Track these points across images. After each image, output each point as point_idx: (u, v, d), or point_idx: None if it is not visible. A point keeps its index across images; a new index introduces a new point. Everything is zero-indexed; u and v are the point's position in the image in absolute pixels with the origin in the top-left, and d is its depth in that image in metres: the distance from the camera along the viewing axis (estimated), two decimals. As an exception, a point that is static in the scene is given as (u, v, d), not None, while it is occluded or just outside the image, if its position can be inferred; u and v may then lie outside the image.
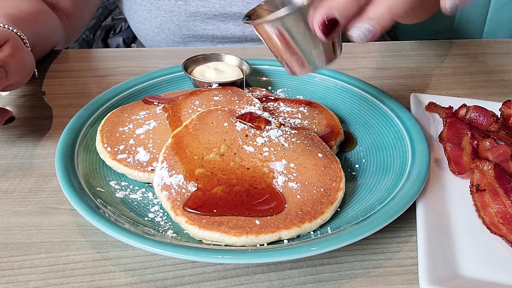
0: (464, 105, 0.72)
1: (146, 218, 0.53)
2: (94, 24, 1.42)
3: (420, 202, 0.54)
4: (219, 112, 0.62)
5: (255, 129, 0.59)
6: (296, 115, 0.68)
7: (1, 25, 0.69)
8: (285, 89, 0.79)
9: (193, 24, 1.03)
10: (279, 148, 0.57)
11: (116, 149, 0.60)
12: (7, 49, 0.64)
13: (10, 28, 0.69)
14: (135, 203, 0.55)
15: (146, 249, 0.45)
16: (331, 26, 0.47)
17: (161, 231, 0.51)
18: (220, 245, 0.48)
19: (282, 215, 0.50)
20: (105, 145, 0.60)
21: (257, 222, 0.49)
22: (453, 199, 0.57)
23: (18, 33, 0.70)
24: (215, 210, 0.49)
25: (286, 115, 0.68)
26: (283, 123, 0.63)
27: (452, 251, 0.50)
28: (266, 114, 0.63)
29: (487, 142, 0.63)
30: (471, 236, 0.52)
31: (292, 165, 0.56)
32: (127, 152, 0.59)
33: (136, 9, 1.04)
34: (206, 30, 1.05)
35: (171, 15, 1.02)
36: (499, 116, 0.70)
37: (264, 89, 0.76)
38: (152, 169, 0.57)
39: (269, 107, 0.69)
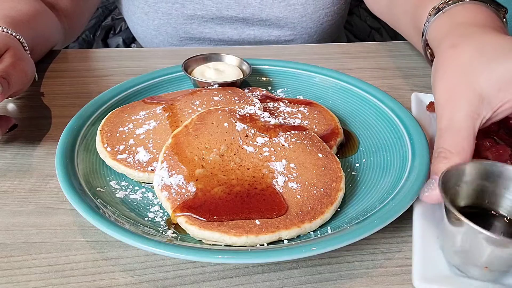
0: (464, 105, 0.71)
1: (146, 218, 0.53)
2: (94, 24, 1.41)
3: (419, 202, 0.54)
4: (219, 112, 0.62)
5: (255, 130, 0.59)
6: (296, 115, 0.68)
7: (0, 29, 0.68)
8: (285, 89, 0.79)
9: (190, 27, 1.03)
10: (279, 148, 0.57)
11: (116, 149, 0.60)
12: (9, 58, 0.63)
13: (9, 32, 0.69)
14: (135, 203, 0.55)
15: (146, 249, 0.45)
16: None
17: (161, 231, 0.51)
18: (220, 245, 0.48)
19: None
20: (105, 145, 0.60)
21: (257, 222, 0.49)
22: (453, 199, 0.57)
23: (17, 37, 0.70)
24: (215, 217, 0.49)
25: (286, 115, 0.68)
26: (281, 122, 0.63)
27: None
28: (266, 114, 0.63)
29: (487, 142, 0.63)
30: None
31: (292, 165, 0.56)
32: (127, 152, 0.59)
33: (134, 11, 1.04)
34: (203, 33, 1.05)
35: (168, 18, 1.02)
36: (499, 116, 0.70)
37: (264, 89, 0.76)
38: (152, 169, 0.57)
39: (269, 107, 0.69)
